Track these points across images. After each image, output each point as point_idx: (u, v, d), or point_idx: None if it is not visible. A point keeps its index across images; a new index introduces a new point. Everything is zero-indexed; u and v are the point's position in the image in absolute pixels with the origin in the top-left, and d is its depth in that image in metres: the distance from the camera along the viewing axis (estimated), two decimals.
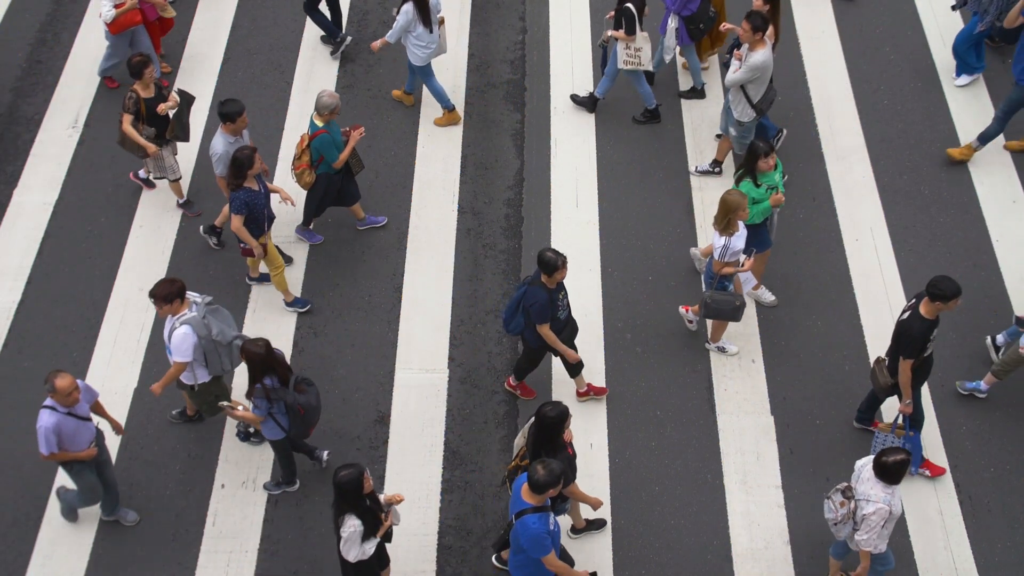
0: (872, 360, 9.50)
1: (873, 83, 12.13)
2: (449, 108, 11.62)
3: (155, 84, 10.05)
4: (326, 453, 8.97)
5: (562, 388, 9.51)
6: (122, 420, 9.28)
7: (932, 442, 9.13)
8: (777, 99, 11.91)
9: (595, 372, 9.62)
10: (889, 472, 7.20)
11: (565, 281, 10.23)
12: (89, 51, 12.55)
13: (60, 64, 12.42)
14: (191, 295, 8.24)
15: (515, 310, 8.61)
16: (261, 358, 7.79)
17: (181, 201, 10.83)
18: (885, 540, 7.43)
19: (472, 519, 8.78)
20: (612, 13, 11.07)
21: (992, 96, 11.92)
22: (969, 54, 11.82)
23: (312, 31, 12.74)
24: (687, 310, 9.85)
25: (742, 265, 8.95)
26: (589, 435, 9.23)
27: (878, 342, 9.82)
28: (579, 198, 11.05)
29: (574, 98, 11.87)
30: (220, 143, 9.53)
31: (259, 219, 9.28)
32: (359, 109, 11.86)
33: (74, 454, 7.88)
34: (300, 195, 10.66)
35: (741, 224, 8.84)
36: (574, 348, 8.94)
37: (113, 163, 11.37)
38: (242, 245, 9.47)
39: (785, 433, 9.26)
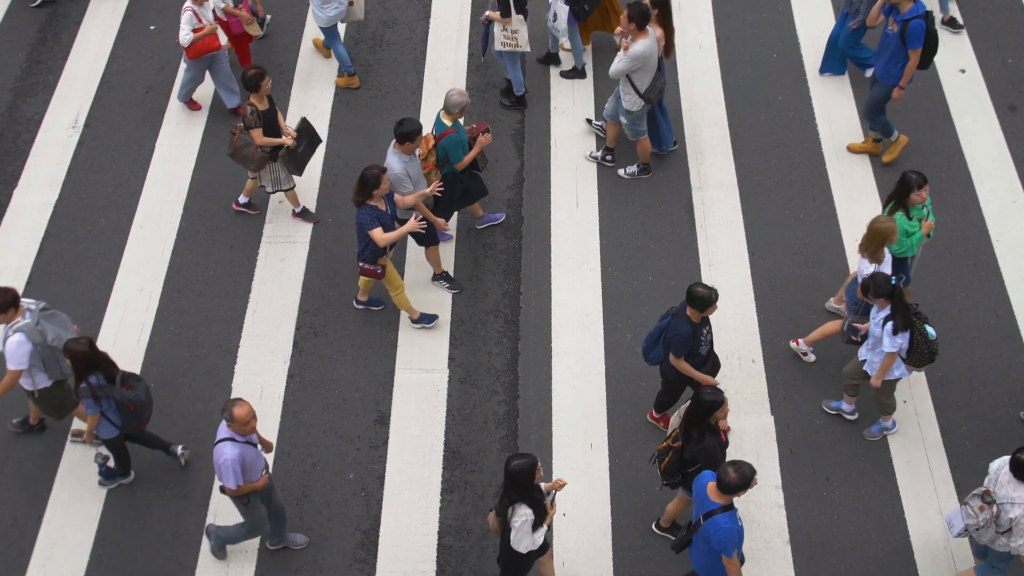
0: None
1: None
2: (350, 72, 11.99)
3: (268, 96, 9.97)
4: (180, 447, 8.93)
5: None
6: None
7: (932, 442, 9.14)
8: (778, 107, 11.93)
9: (595, 373, 9.63)
10: None
11: (568, 282, 10.26)
12: (89, 51, 12.56)
13: (60, 64, 12.42)
14: (25, 302, 8.23)
15: (656, 340, 8.48)
16: (84, 355, 7.86)
17: (297, 210, 10.75)
18: None
19: (472, 519, 8.78)
20: None
21: (992, 96, 11.92)
22: (853, 50, 11.76)
23: (312, 30, 12.75)
24: (798, 343, 9.67)
25: None
26: (589, 435, 9.24)
27: None
28: (579, 198, 11.05)
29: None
30: (396, 163, 9.25)
31: None
32: (359, 109, 11.86)
33: (253, 485, 7.67)
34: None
35: (887, 251, 8.80)
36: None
37: (113, 163, 11.38)
38: (362, 265, 9.27)
39: (785, 433, 9.27)
